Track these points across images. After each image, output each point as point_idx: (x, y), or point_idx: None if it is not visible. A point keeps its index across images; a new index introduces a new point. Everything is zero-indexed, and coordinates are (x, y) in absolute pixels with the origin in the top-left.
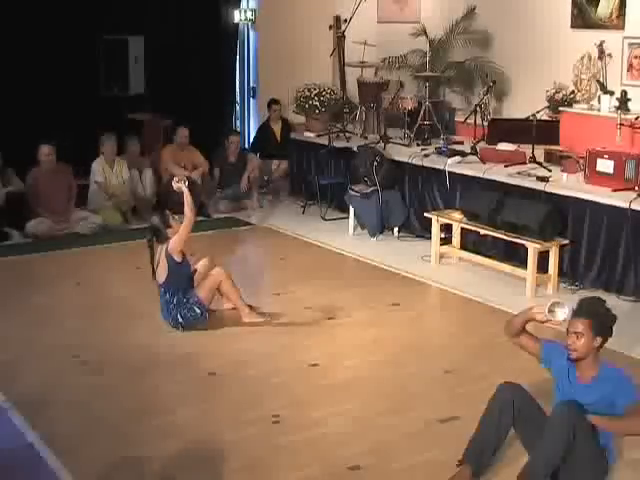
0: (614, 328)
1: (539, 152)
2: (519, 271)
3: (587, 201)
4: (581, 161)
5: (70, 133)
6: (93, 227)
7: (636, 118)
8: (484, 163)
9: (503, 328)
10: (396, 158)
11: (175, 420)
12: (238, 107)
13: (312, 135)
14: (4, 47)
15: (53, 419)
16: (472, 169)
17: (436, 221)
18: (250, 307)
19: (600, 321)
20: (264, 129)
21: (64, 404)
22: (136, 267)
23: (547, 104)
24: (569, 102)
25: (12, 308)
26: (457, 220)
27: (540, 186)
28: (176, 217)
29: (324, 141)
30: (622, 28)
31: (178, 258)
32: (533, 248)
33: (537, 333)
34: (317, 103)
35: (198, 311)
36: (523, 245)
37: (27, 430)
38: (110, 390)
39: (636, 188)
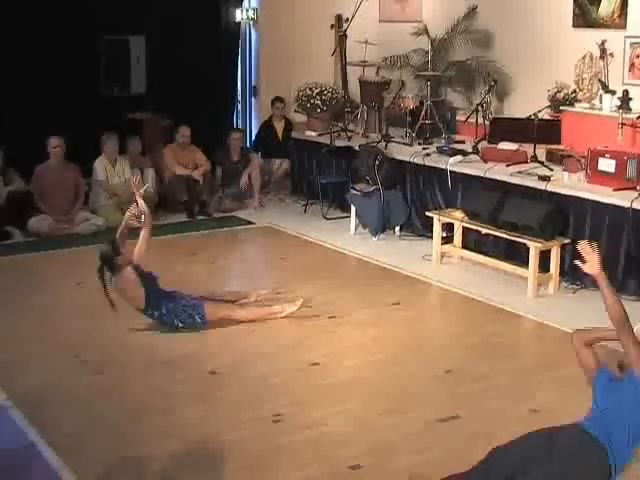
0: None
1: (540, 151)
2: (520, 270)
3: (588, 200)
4: (582, 160)
5: (72, 132)
6: (94, 229)
7: (638, 117)
8: (485, 162)
9: (575, 331)
10: (398, 157)
11: (175, 420)
12: (239, 106)
13: (313, 134)
14: (7, 48)
15: (54, 419)
16: (473, 168)
17: (437, 220)
18: (278, 305)
19: None
20: (266, 128)
21: (65, 404)
22: None
23: (548, 103)
24: (570, 101)
25: (13, 307)
26: (458, 219)
27: (541, 185)
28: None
29: (326, 140)
30: (624, 27)
31: (143, 266)
32: (534, 247)
33: None
34: (319, 102)
35: (199, 320)
36: (524, 244)
37: (28, 429)
38: (110, 390)
39: (637, 187)
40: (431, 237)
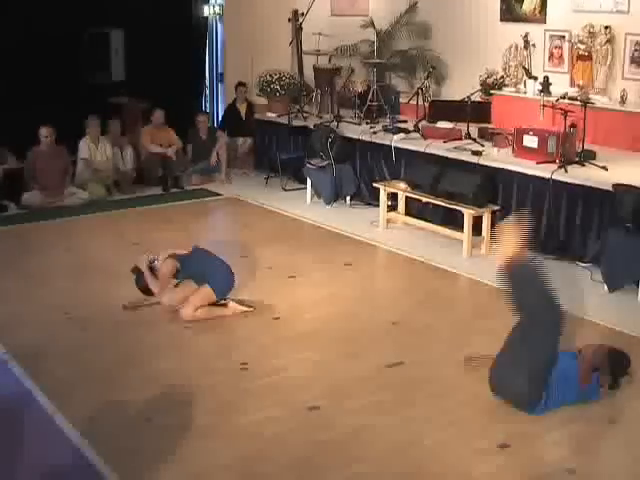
0: None
1: (473, 129)
2: (456, 234)
3: (515, 172)
4: (510, 137)
5: (60, 116)
6: (80, 201)
7: (556, 100)
8: (425, 139)
9: None
10: (348, 135)
11: (154, 368)
12: (207, 91)
13: (274, 115)
14: (1, 43)
15: (47, 368)
16: (415, 144)
17: (383, 190)
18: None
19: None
20: (231, 109)
21: (57, 355)
22: (133, 243)
23: (480, 87)
24: (499, 86)
25: (10, 271)
26: (402, 189)
27: (474, 159)
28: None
29: (284, 120)
30: (544, 22)
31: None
32: (468, 214)
33: None
34: (278, 87)
35: None
36: (460, 211)
37: (24, 378)
38: (96, 343)
39: (556, 161)
40: (378, 205)
